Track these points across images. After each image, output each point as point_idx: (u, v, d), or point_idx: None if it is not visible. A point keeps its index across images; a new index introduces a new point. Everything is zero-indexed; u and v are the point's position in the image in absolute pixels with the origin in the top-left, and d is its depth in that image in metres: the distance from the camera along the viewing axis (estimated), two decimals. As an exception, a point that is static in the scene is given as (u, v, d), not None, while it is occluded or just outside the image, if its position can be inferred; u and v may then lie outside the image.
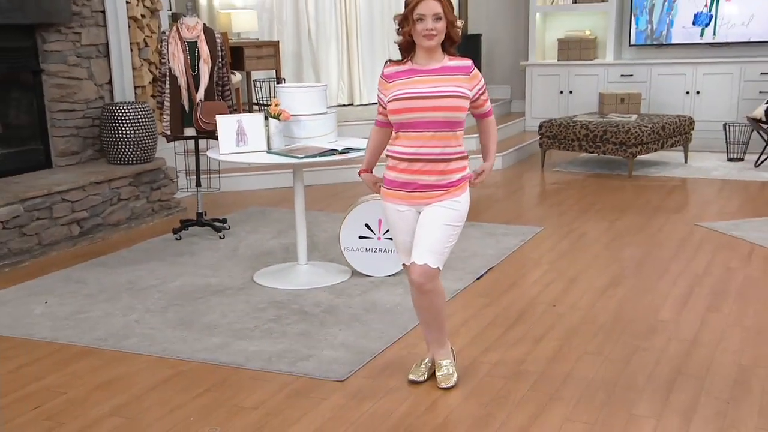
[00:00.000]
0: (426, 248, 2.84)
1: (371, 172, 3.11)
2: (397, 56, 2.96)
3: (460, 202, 2.88)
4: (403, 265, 3.05)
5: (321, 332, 3.56)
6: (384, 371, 3.18)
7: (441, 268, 2.89)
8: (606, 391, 2.97)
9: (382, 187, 2.98)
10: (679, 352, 3.31)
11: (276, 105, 4.30)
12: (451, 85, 2.81)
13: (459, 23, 2.88)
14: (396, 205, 2.91)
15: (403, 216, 2.91)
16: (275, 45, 8.16)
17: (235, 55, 7.74)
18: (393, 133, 2.95)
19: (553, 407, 2.86)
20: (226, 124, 4.31)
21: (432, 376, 3.08)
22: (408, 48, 2.87)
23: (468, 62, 2.88)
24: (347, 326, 3.63)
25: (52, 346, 3.52)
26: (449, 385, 3.00)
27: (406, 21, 2.79)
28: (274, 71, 8.16)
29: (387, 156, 2.95)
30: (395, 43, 2.92)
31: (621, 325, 3.62)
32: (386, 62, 2.97)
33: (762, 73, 7.74)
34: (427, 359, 3.12)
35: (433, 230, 2.84)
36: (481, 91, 2.91)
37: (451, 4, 2.82)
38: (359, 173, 3.13)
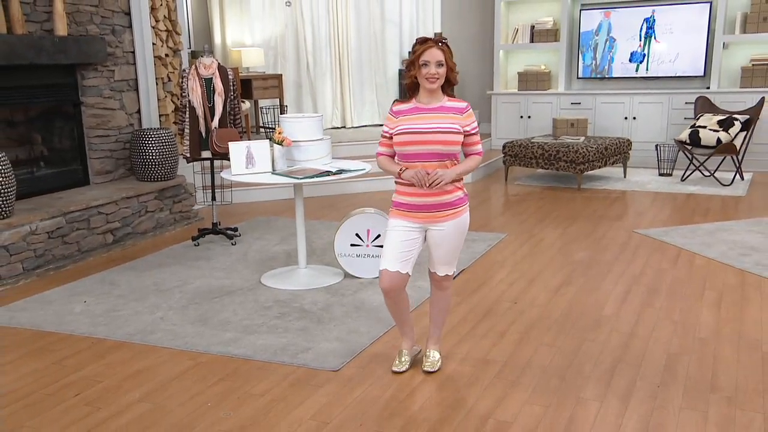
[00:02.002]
0: (448, 262, 2.92)
1: (401, 168, 2.83)
2: (376, 82, 2.95)
3: (466, 217, 2.90)
4: (385, 270, 2.86)
5: (318, 328, 3.55)
6: (371, 362, 3.17)
7: (452, 273, 3.00)
8: (558, 378, 2.99)
9: (391, 209, 2.92)
10: (619, 343, 3.33)
11: (279, 133, 4.30)
12: (448, 122, 2.77)
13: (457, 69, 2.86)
14: (406, 221, 2.85)
15: (410, 232, 2.85)
16: (279, 77, 8.16)
17: (244, 86, 7.73)
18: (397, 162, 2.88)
19: (515, 392, 2.87)
20: (237, 149, 4.29)
21: (412, 366, 3.09)
22: (413, 88, 2.85)
23: (464, 104, 2.85)
24: (340, 322, 3.62)
25: (90, 340, 3.50)
26: (435, 369, 3.04)
27: (412, 65, 2.77)
28: (278, 99, 8.15)
29: (396, 183, 2.89)
30: (404, 84, 2.90)
31: (571, 320, 3.64)
32: (394, 101, 2.94)
33: (686, 103, 7.78)
34: (405, 351, 3.11)
35: (451, 247, 2.88)
36: (472, 130, 2.83)
37: (451, 52, 2.79)
38: (400, 176, 2.82)
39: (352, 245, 4.29)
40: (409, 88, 2.85)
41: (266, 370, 3.10)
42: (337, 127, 9.06)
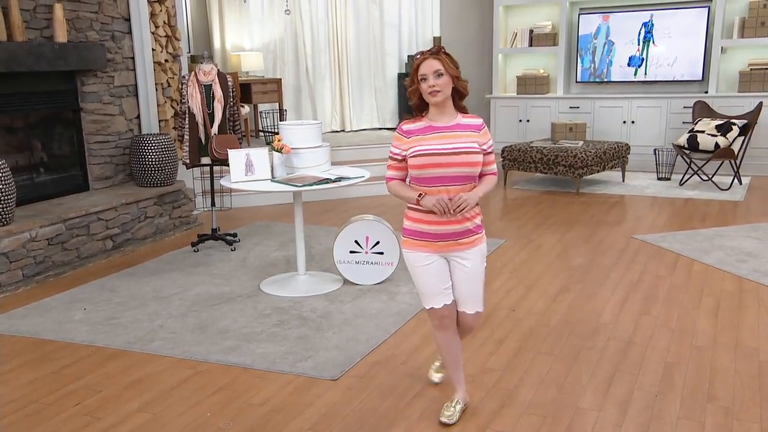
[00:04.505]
0: (476, 300, 2.67)
1: (420, 194, 2.55)
2: (375, 85, 2.78)
3: (485, 244, 2.67)
4: (432, 308, 2.66)
5: (317, 336, 3.55)
6: (371, 370, 3.18)
7: (481, 311, 2.75)
8: (556, 387, 2.99)
9: (405, 238, 2.64)
10: (617, 351, 3.34)
11: (279, 140, 4.30)
12: (467, 141, 2.52)
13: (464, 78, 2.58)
14: (424, 253, 2.58)
15: (432, 264, 2.60)
16: (278, 81, 8.17)
17: (244, 90, 7.74)
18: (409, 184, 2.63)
19: (513, 402, 2.88)
20: (236, 156, 4.30)
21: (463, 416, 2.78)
22: (421, 107, 2.59)
23: (479, 120, 2.60)
24: (339, 330, 3.62)
25: (90, 348, 3.50)
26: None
27: (412, 82, 2.55)
28: (277, 104, 8.16)
29: (409, 208, 2.61)
30: (410, 104, 2.62)
31: (569, 327, 3.64)
32: (403, 119, 2.70)
33: (685, 107, 7.79)
34: (458, 399, 2.77)
35: (477, 283, 2.64)
36: (489, 148, 2.59)
37: (452, 60, 2.53)
38: (418, 203, 2.55)
39: (351, 252, 4.30)
40: (417, 108, 2.60)
41: (265, 379, 3.11)
42: (337, 131, 9.08)
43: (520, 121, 8.73)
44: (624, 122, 8.17)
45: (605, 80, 8.43)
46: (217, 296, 4.19)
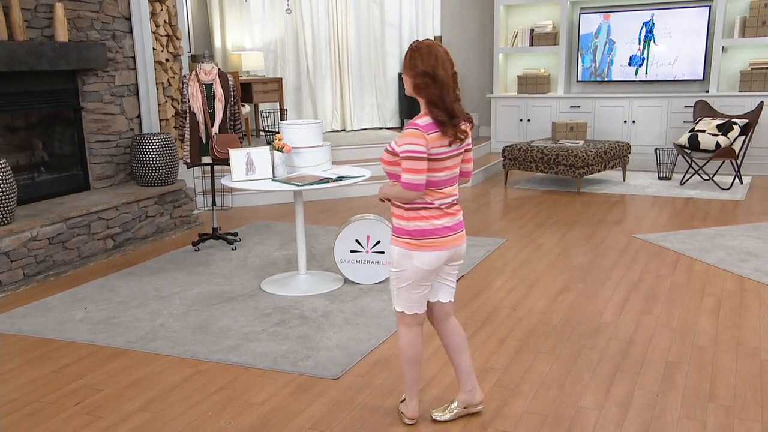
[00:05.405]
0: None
1: None
2: (376, 85, 2.73)
3: (394, 252, 2.55)
4: None
5: (318, 335, 3.55)
6: (372, 369, 3.18)
7: (397, 310, 2.60)
8: (557, 387, 2.99)
9: None
10: (618, 351, 3.34)
11: (280, 140, 4.31)
12: (393, 141, 2.52)
13: (412, 76, 2.45)
14: None
15: None
16: (279, 81, 8.17)
17: (244, 90, 7.74)
18: None
19: (514, 401, 2.88)
20: (237, 156, 4.30)
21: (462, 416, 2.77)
22: None
23: (411, 121, 2.48)
24: (340, 329, 3.62)
25: (91, 347, 3.50)
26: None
27: None
28: (278, 103, 8.17)
29: None
30: None
31: (570, 327, 3.64)
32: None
33: (686, 106, 7.78)
34: (456, 402, 2.77)
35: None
36: (402, 153, 2.42)
37: (412, 61, 2.45)
38: None
39: (351, 251, 4.30)
40: None
41: (266, 378, 3.11)
42: (337, 131, 9.08)
43: (521, 120, 8.73)
44: (625, 122, 8.16)
45: (606, 80, 8.42)
46: (218, 295, 4.19)
